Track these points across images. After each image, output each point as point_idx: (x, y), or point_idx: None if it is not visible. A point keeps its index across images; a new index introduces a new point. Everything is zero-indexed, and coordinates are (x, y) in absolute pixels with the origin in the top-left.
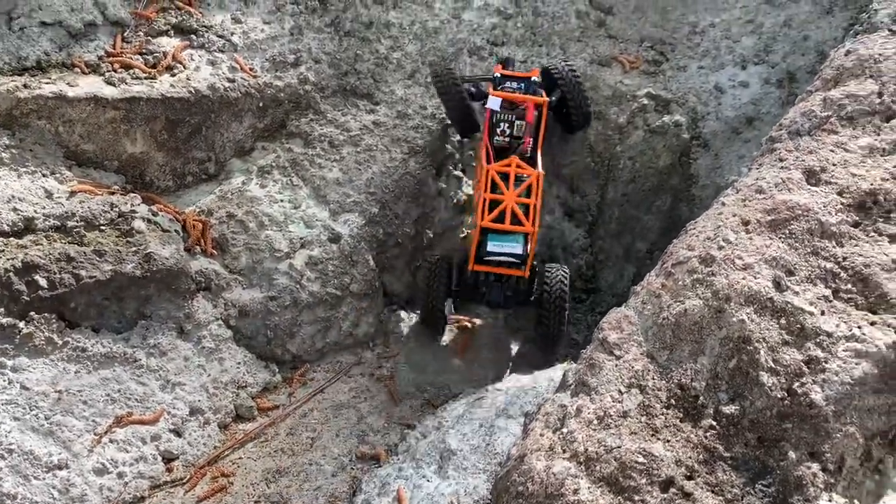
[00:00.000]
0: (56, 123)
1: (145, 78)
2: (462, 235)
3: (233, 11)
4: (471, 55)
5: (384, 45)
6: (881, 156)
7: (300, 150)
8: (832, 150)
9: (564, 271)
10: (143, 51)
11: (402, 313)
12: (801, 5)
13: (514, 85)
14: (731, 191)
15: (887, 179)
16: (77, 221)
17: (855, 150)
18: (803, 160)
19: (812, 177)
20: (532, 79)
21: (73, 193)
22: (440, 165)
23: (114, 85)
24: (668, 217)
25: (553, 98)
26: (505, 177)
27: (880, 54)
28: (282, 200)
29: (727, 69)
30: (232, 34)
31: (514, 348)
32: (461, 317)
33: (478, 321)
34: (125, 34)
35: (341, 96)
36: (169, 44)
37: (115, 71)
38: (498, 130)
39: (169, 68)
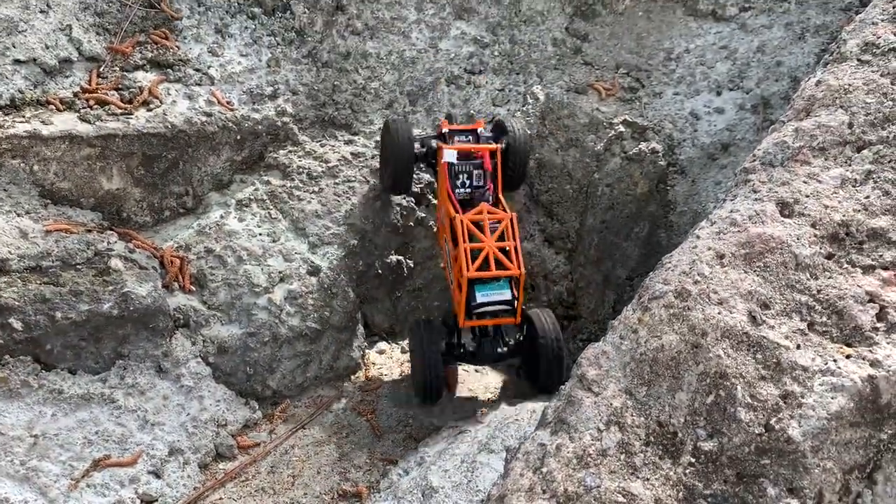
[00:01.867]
0: (31, 162)
1: (121, 114)
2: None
3: (209, 44)
4: (448, 84)
5: (362, 75)
6: (853, 186)
7: (278, 183)
8: (805, 182)
9: (551, 315)
10: (119, 86)
11: (383, 344)
12: (773, 31)
13: (464, 138)
14: (706, 223)
15: (859, 210)
16: (53, 261)
17: (827, 180)
18: (776, 192)
19: (785, 208)
20: (479, 130)
21: (48, 232)
22: (419, 195)
23: (89, 122)
24: (647, 244)
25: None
26: (479, 226)
27: (849, 84)
28: (260, 234)
29: (702, 95)
30: (209, 67)
31: (498, 377)
32: None
33: None
34: (101, 69)
35: (319, 127)
36: (145, 78)
37: (90, 107)
38: (458, 182)
39: (145, 103)
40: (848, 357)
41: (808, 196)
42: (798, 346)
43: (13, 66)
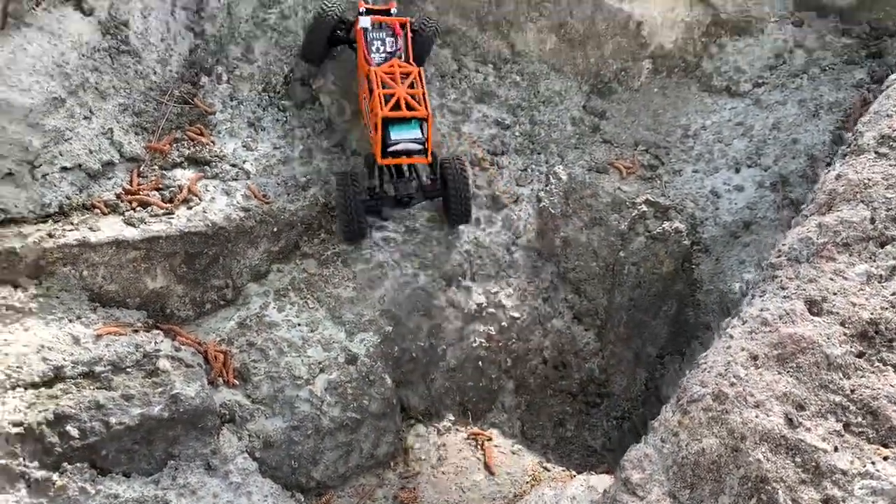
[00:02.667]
0: (80, 268)
1: (163, 214)
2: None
3: (244, 138)
4: (472, 166)
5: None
6: (878, 282)
7: (314, 271)
8: (831, 278)
9: (462, 161)
10: (160, 185)
11: (421, 427)
12: (787, 108)
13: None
14: (738, 321)
15: (887, 308)
16: (104, 366)
17: (853, 277)
18: (804, 289)
19: (814, 306)
20: (391, 10)
21: (98, 337)
22: (450, 277)
23: (134, 225)
24: (676, 322)
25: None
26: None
27: (869, 179)
28: (299, 324)
29: (721, 173)
30: (244, 162)
31: (534, 459)
32: (479, 431)
33: (493, 431)
34: (141, 169)
35: None
36: (184, 176)
37: (133, 210)
38: (373, 48)
39: (185, 201)
40: (886, 459)
41: (835, 293)
42: (836, 449)
43: (60, 173)
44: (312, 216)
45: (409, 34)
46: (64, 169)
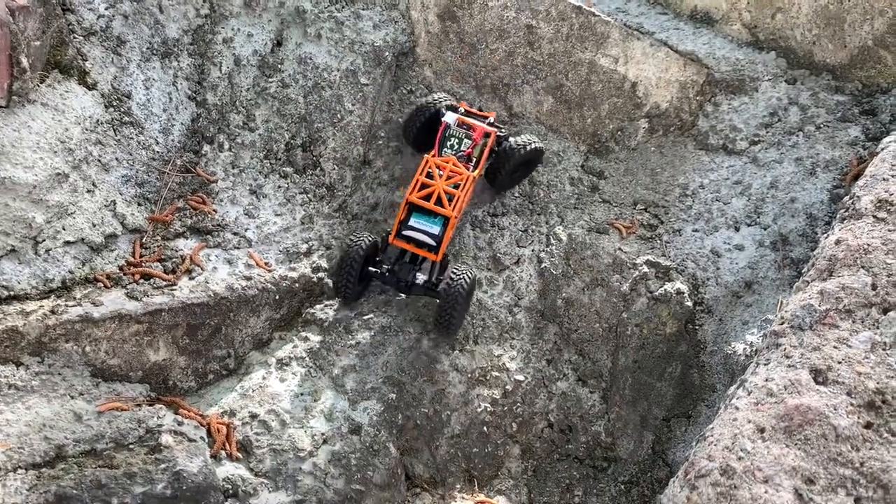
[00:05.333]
0: (83, 344)
1: (165, 286)
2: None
3: (245, 206)
4: (473, 227)
5: (390, 224)
6: (883, 350)
7: (316, 339)
8: (836, 347)
9: (471, 273)
10: (162, 256)
11: (427, 497)
12: (784, 166)
13: (474, 119)
14: (743, 392)
15: (892, 377)
16: (107, 443)
17: (857, 345)
18: (808, 358)
19: (819, 376)
20: (489, 118)
21: (100, 413)
22: (453, 340)
23: (136, 298)
24: (681, 384)
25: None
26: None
27: (868, 244)
28: (301, 394)
29: (721, 232)
30: (246, 230)
31: None
32: (485, 499)
33: (500, 499)
34: (143, 240)
35: None
36: (186, 246)
37: (136, 282)
38: (447, 144)
39: (188, 272)
40: None
41: (840, 362)
42: None
43: (63, 248)
44: (314, 283)
45: (489, 145)
46: (67, 243)
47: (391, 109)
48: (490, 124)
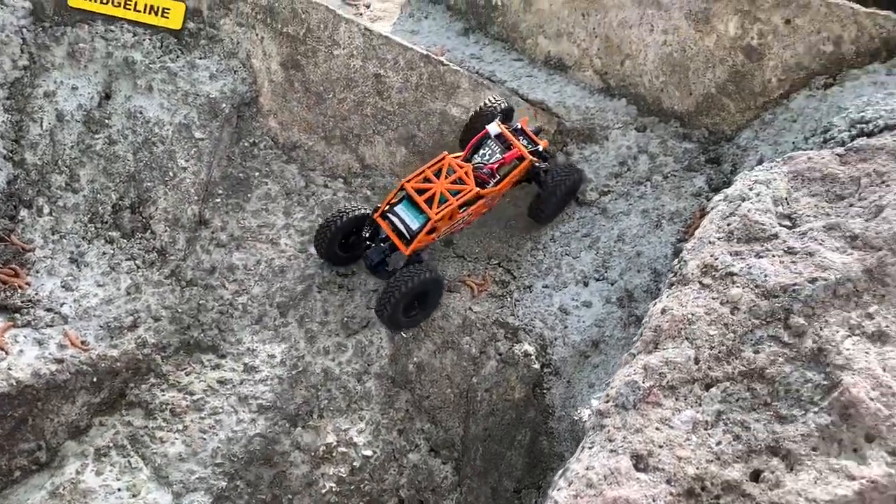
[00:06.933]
0: None
1: None
2: None
3: (63, 277)
4: (320, 290)
5: (229, 289)
6: (704, 430)
7: (140, 423)
8: (658, 428)
9: (427, 275)
10: None
11: None
12: (632, 218)
13: (520, 138)
14: (563, 482)
15: (712, 461)
16: None
17: (679, 425)
18: (630, 441)
19: (640, 462)
20: (541, 147)
21: None
22: (295, 417)
23: None
24: (531, 453)
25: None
26: (452, 173)
27: (692, 314)
28: (119, 489)
29: (570, 288)
30: (62, 304)
31: None
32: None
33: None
34: None
35: (185, 353)
36: None
37: None
38: (480, 152)
39: None
40: None
41: (661, 446)
42: None
43: None
44: (139, 360)
45: (520, 170)
46: None
47: (231, 164)
48: (535, 153)
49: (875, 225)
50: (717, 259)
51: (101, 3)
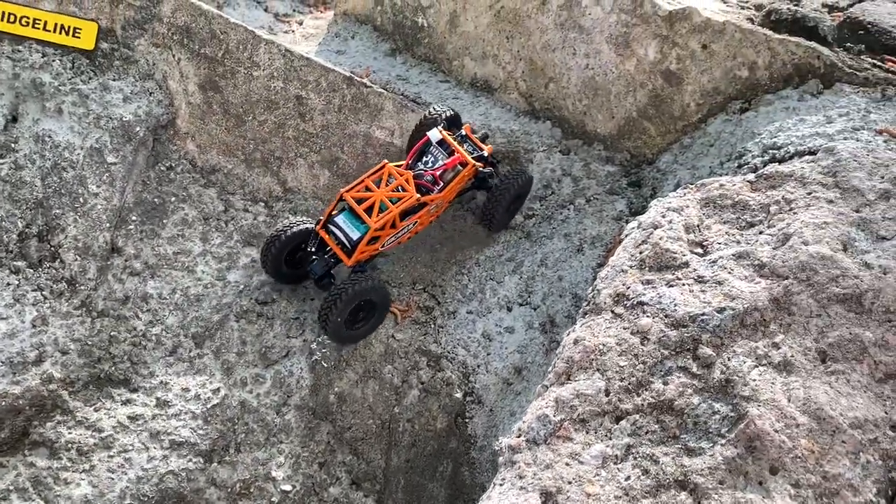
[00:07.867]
0: None
1: None
2: None
3: None
4: (238, 319)
5: (142, 319)
6: (614, 464)
7: (44, 465)
8: (567, 464)
9: (368, 283)
10: None
11: None
12: (554, 242)
13: (466, 145)
14: None
15: (620, 497)
16: None
17: (589, 460)
18: (540, 478)
19: (549, 499)
20: (486, 152)
21: None
22: (209, 453)
23: None
24: (452, 484)
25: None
26: (393, 181)
27: (604, 344)
28: None
29: (493, 313)
30: None
31: None
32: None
33: None
34: None
35: (94, 387)
36: None
37: None
38: (423, 159)
39: None
40: None
41: (570, 482)
42: None
43: None
44: (45, 396)
45: (464, 177)
46: None
47: (146, 189)
48: (480, 158)
49: (782, 253)
50: (628, 288)
51: (9, 22)
